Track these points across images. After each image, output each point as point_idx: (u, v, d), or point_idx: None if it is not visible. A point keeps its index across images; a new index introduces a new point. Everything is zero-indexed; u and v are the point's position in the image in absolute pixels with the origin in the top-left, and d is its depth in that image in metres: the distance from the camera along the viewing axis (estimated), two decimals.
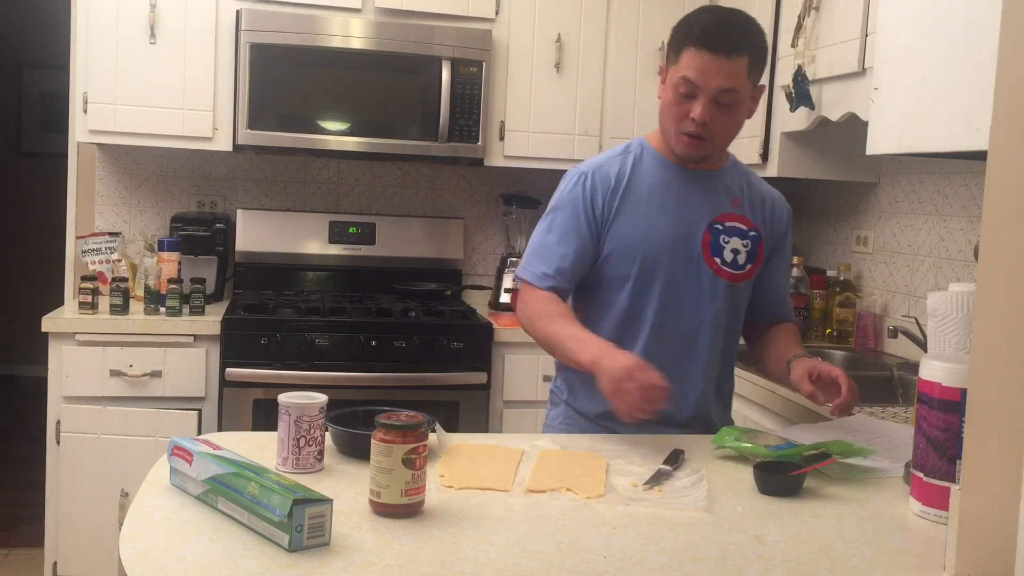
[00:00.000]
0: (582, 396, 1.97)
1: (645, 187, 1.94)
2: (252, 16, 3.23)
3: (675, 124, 1.89)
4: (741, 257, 1.95)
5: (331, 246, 3.66)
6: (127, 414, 3.00)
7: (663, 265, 1.91)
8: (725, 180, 1.98)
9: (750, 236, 1.96)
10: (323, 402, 1.54)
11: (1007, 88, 1.12)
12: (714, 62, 1.81)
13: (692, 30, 1.83)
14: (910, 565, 1.26)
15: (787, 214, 2.06)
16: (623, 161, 1.97)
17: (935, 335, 1.80)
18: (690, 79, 1.83)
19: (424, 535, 1.28)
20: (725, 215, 1.95)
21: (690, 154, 1.91)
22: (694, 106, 1.84)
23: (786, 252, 2.08)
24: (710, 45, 1.81)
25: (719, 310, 1.94)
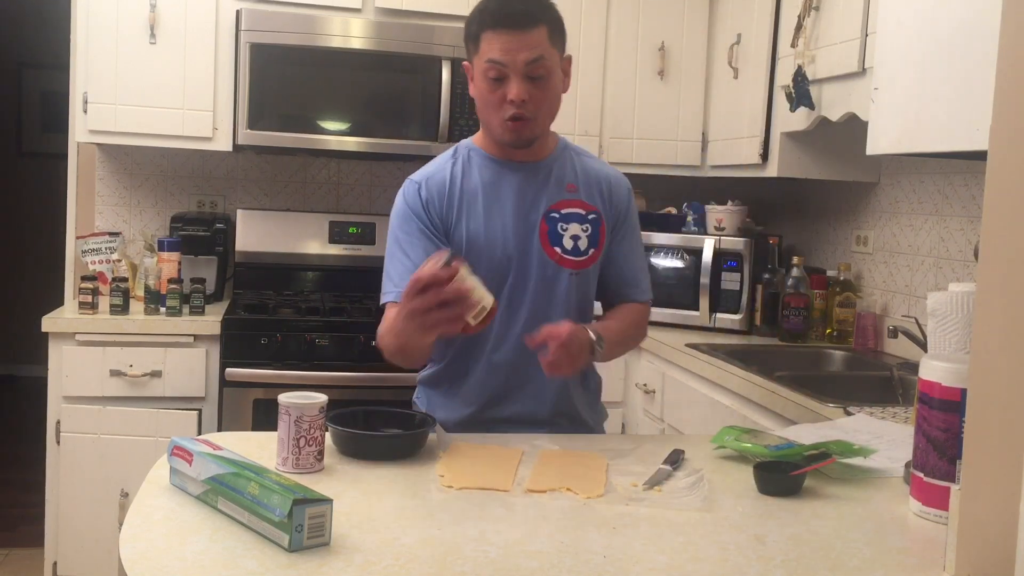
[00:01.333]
0: (439, 407, 1.97)
1: (476, 188, 1.91)
2: (252, 16, 3.23)
3: (495, 113, 1.85)
4: (582, 242, 1.92)
5: (331, 246, 3.66)
6: (127, 414, 3.00)
7: (508, 265, 1.88)
8: (556, 166, 1.95)
9: (589, 220, 1.93)
10: (323, 402, 1.54)
11: (1007, 88, 1.12)
12: (514, 38, 1.79)
13: (484, 16, 1.83)
14: (910, 565, 1.26)
15: (626, 191, 2.01)
16: (452, 166, 1.94)
17: (935, 335, 1.80)
18: (496, 60, 1.80)
19: (424, 535, 1.28)
20: (560, 202, 1.92)
21: (517, 139, 1.87)
22: (508, 87, 1.81)
23: (630, 229, 2.01)
24: (505, 23, 1.80)
25: (566, 300, 1.91)
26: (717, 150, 3.56)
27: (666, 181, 3.79)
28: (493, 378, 1.92)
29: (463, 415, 1.94)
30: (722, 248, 3.35)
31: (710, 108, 3.62)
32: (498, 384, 1.92)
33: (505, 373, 1.90)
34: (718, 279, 3.34)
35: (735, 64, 3.38)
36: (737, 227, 3.44)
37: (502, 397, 1.93)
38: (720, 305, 3.34)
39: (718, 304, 3.34)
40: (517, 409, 1.93)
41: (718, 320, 3.34)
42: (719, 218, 3.44)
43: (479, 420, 1.93)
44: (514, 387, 1.92)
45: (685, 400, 2.90)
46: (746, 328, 3.31)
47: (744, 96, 3.31)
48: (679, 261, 3.41)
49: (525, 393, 1.93)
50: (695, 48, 3.60)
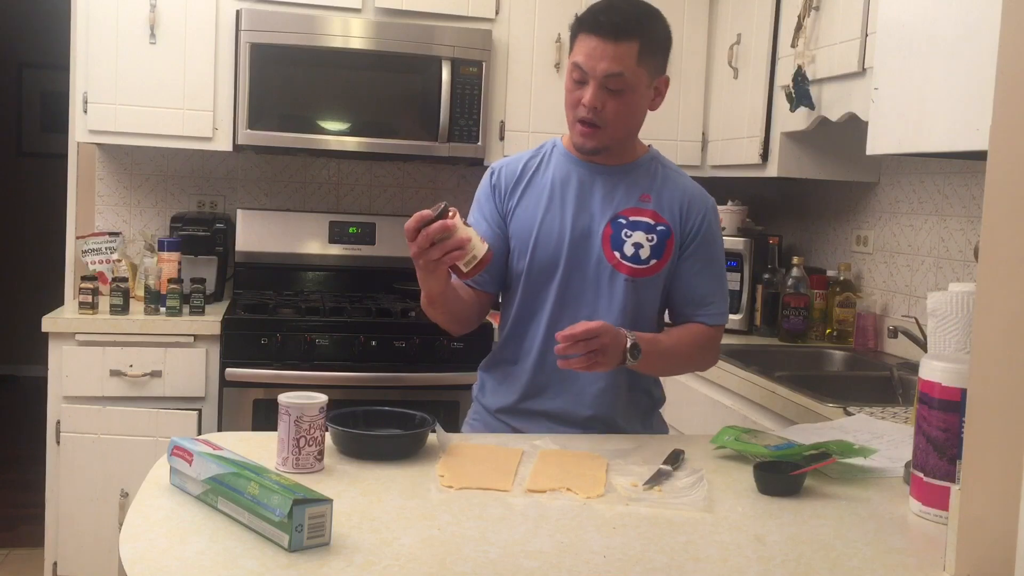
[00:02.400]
0: (489, 392, 2.02)
1: (547, 182, 1.95)
2: (252, 16, 3.23)
3: (571, 112, 1.89)
4: (644, 251, 1.90)
5: (331, 246, 3.66)
6: (127, 414, 3.00)
7: (560, 260, 1.90)
8: (635, 174, 1.95)
9: (657, 231, 1.92)
10: (323, 402, 1.54)
11: (1007, 88, 1.12)
12: (600, 46, 1.80)
13: (585, 16, 1.85)
14: (910, 565, 1.26)
15: (703, 208, 1.97)
16: (531, 157, 2.00)
17: (935, 335, 1.80)
18: (579, 64, 1.83)
19: (424, 535, 1.28)
20: (630, 209, 1.92)
21: (584, 143, 1.89)
22: (585, 91, 1.84)
23: (705, 247, 1.96)
24: (596, 29, 1.81)
25: (621, 305, 1.90)
26: (717, 150, 3.56)
27: None
28: (539, 370, 1.93)
29: (506, 403, 1.97)
30: None
31: (710, 108, 3.62)
32: (543, 377, 1.94)
33: (551, 367, 1.89)
34: None
35: (735, 64, 3.38)
36: (737, 227, 3.44)
37: (544, 390, 1.94)
38: None
39: None
40: (557, 405, 1.94)
41: None
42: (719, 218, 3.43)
43: (520, 410, 1.96)
44: (556, 382, 1.93)
45: (685, 400, 2.90)
46: (746, 328, 3.31)
47: (744, 96, 3.31)
48: None
49: (565, 390, 1.93)
50: (695, 48, 3.60)
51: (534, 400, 1.96)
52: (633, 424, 1.99)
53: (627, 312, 1.91)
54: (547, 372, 1.92)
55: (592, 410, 1.94)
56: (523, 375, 1.96)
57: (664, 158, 2.04)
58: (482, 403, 2.03)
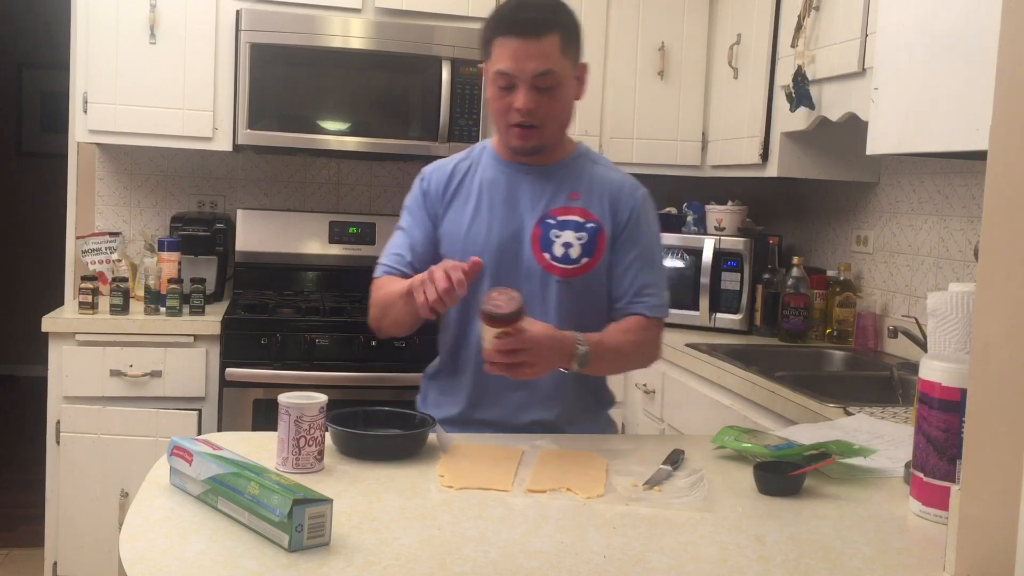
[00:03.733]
0: (432, 404, 1.98)
1: (476, 186, 1.93)
2: (252, 16, 3.23)
3: (501, 119, 1.86)
4: (574, 251, 1.87)
5: (331, 246, 3.66)
6: (127, 414, 3.00)
7: (488, 265, 1.83)
8: (563, 173, 1.93)
9: (587, 228, 1.89)
10: (323, 402, 1.54)
11: (1007, 88, 1.12)
12: (523, 46, 1.77)
13: (497, 21, 1.82)
14: (910, 565, 1.26)
15: (632, 200, 1.93)
16: (461, 160, 1.99)
17: (935, 335, 1.80)
18: (504, 70, 1.79)
19: (424, 535, 1.28)
20: (559, 209, 1.90)
21: (523, 145, 1.86)
22: (515, 96, 1.81)
23: (637, 238, 1.92)
24: (515, 30, 1.78)
25: (556, 308, 1.86)
26: (717, 150, 3.56)
27: (666, 181, 3.79)
28: (480, 380, 1.89)
29: (450, 414, 1.93)
30: (722, 248, 3.35)
31: (710, 108, 3.62)
32: (484, 386, 1.90)
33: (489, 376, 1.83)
34: (718, 279, 3.34)
35: (735, 64, 3.38)
36: (737, 227, 3.44)
37: (486, 399, 1.92)
38: (720, 305, 3.34)
39: (718, 304, 3.34)
40: (498, 413, 1.91)
41: (718, 320, 3.34)
42: (719, 218, 3.44)
43: (463, 420, 1.92)
44: (498, 390, 1.89)
45: (685, 400, 2.91)
46: (746, 328, 3.31)
47: (744, 96, 3.31)
48: (679, 261, 3.41)
49: (507, 398, 1.90)
50: (695, 48, 3.60)
51: (477, 410, 1.93)
52: (582, 427, 1.95)
53: (564, 314, 1.86)
54: (489, 380, 1.84)
55: (538, 415, 1.91)
56: (465, 385, 1.93)
57: (594, 153, 2.02)
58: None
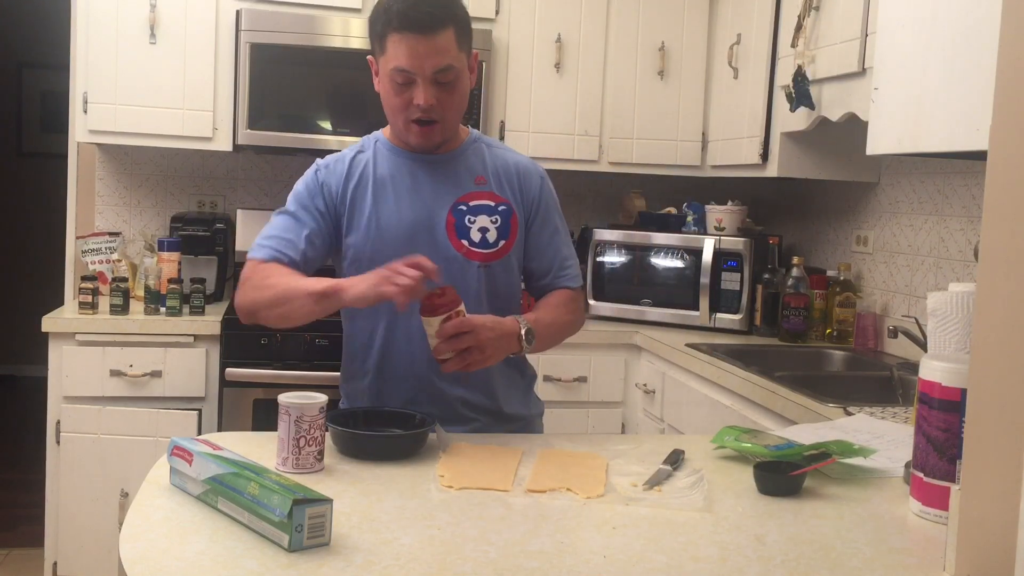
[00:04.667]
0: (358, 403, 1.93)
1: (378, 180, 1.88)
2: (252, 16, 3.23)
3: (401, 115, 1.82)
4: (491, 234, 1.88)
5: None
6: (127, 414, 3.00)
7: (403, 255, 1.73)
8: (465, 159, 1.92)
9: (499, 211, 1.89)
10: (323, 402, 1.54)
11: (1007, 88, 1.12)
12: (422, 43, 1.75)
13: (390, 17, 1.76)
14: (910, 565, 1.26)
15: (537, 179, 1.96)
16: (356, 154, 1.93)
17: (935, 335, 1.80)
18: (402, 68, 1.76)
19: (424, 535, 1.28)
20: (468, 195, 1.88)
21: (424, 142, 1.85)
22: (415, 92, 1.78)
23: (546, 216, 1.96)
24: (410, 26, 1.74)
25: (476, 293, 1.85)
26: (717, 150, 3.56)
27: (666, 181, 3.79)
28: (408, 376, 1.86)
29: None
30: (722, 248, 3.35)
31: (710, 108, 3.62)
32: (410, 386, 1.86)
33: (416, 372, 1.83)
34: (718, 279, 3.34)
35: (735, 64, 3.38)
36: (737, 227, 3.44)
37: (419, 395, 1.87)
38: (720, 305, 3.34)
39: (718, 304, 3.34)
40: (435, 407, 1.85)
41: (718, 320, 3.34)
42: (719, 218, 3.44)
43: None
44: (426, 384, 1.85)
45: (685, 400, 2.91)
46: (746, 328, 3.31)
47: (744, 96, 3.31)
48: (679, 261, 3.41)
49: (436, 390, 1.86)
50: (695, 48, 3.60)
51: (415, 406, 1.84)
52: (514, 406, 1.95)
53: (483, 299, 1.87)
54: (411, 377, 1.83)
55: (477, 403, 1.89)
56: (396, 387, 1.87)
57: (487, 138, 2.02)
58: None
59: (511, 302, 1.94)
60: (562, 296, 1.96)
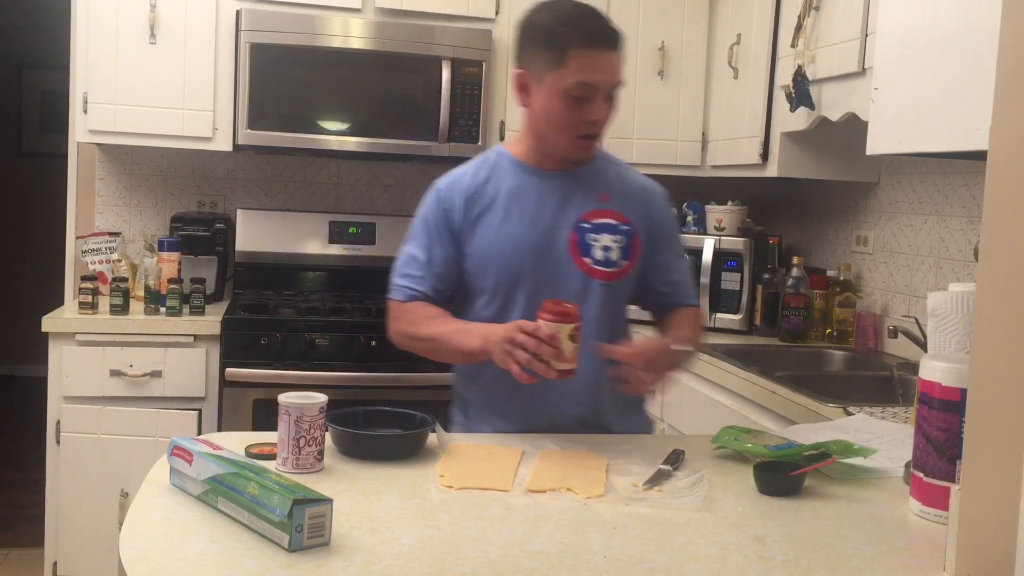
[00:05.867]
0: (475, 417, 1.96)
1: (500, 196, 1.89)
2: (252, 16, 3.23)
3: (567, 130, 1.82)
4: (614, 253, 1.88)
5: (331, 246, 3.66)
6: (127, 414, 3.00)
7: (525, 272, 1.85)
8: (591, 176, 1.92)
9: (622, 231, 1.89)
10: (323, 402, 1.54)
11: (1007, 88, 1.12)
12: (607, 58, 1.78)
13: (575, 32, 1.77)
14: (910, 565, 1.26)
15: (661, 200, 2.00)
16: (477, 170, 1.93)
17: (935, 335, 1.80)
18: (587, 82, 1.77)
19: (424, 535, 1.28)
20: (592, 212, 1.89)
21: (585, 155, 1.88)
22: (592, 108, 1.79)
23: (671, 237, 2.01)
24: (600, 43, 1.77)
25: (598, 311, 1.86)
26: (717, 150, 3.56)
27: (666, 181, 3.75)
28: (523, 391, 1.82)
29: (507, 428, 1.88)
30: (722, 248, 3.35)
31: (710, 108, 3.62)
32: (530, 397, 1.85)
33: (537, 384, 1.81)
34: (718, 279, 3.34)
35: (735, 64, 3.38)
36: (737, 227, 3.44)
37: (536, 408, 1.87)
38: (720, 305, 3.34)
39: (718, 304, 3.34)
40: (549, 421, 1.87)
41: (718, 320, 3.34)
42: (719, 218, 3.44)
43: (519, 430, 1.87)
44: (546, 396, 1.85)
45: (685, 400, 2.90)
46: (746, 328, 3.31)
47: (744, 96, 3.31)
48: None
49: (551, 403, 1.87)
50: (695, 48, 3.60)
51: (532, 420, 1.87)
52: (624, 425, 1.94)
53: (604, 318, 1.88)
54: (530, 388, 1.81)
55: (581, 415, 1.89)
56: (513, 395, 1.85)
57: (610, 154, 2.02)
58: (470, 430, 1.95)
59: (624, 323, 1.98)
60: (691, 313, 2.00)
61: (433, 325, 1.87)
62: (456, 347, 1.82)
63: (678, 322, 1.97)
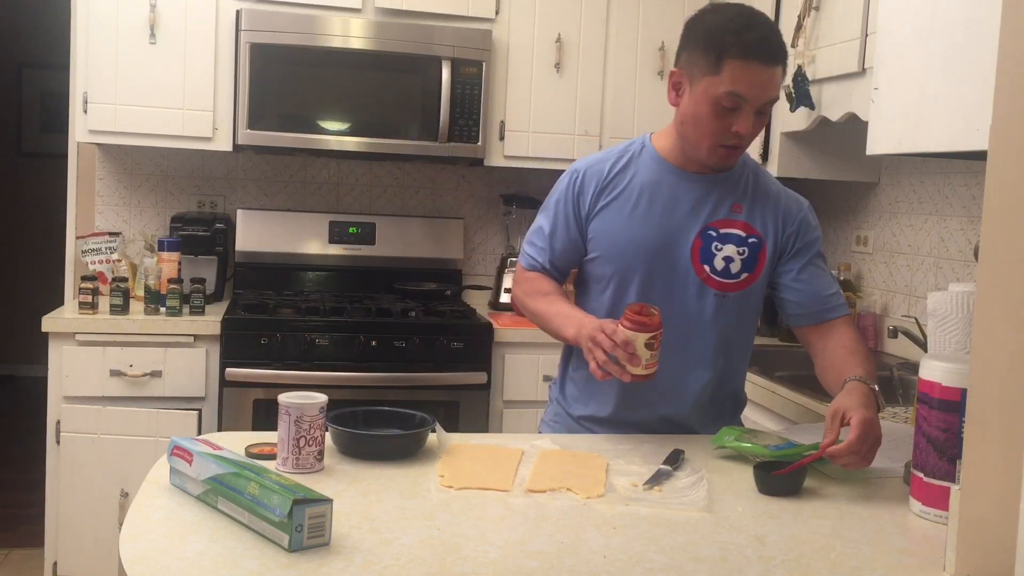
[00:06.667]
0: (571, 397, 1.98)
1: (635, 187, 1.87)
2: (252, 16, 3.23)
3: (713, 138, 1.78)
4: (735, 265, 1.85)
5: (331, 246, 3.66)
6: (127, 414, 3.00)
7: (640, 268, 1.85)
8: (728, 184, 1.89)
9: (748, 243, 1.86)
10: (323, 402, 1.54)
11: (1007, 88, 1.12)
12: (764, 73, 1.73)
13: (739, 42, 1.72)
14: (910, 565, 1.26)
15: (799, 213, 1.93)
16: (617, 160, 1.91)
17: (935, 335, 1.80)
18: (739, 94, 1.72)
19: (424, 535, 1.28)
20: (721, 221, 1.86)
21: (725, 165, 1.85)
22: (738, 119, 1.75)
23: (812, 250, 1.92)
24: (761, 57, 1.72)
25: (711, 321, 1.86)
26: None
27: None
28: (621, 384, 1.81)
29: (597, 413, 1.92)
30: None
31: None
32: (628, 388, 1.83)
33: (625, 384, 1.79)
34: None
35: None
36: None
37: (634, 400, 1.89)
38: None
39: None
40: (642, 415, 1.90)
41: None
42: None
43: (609, 420, 1.91)
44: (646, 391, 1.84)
45: None
46: None
47: None
48: None
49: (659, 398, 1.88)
50: None
51: (624, 411, 1.90)
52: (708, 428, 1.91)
53: (718, 328, 1.87)
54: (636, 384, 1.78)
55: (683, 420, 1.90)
56: (614, 385, 1.86)
57: (753, 163, 1.98)
58: (563, 406, 1.98)
59: (743, 332, 1.95)
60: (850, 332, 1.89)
61: (544, 302, 1.91)
62: (555, 330, 1.87)
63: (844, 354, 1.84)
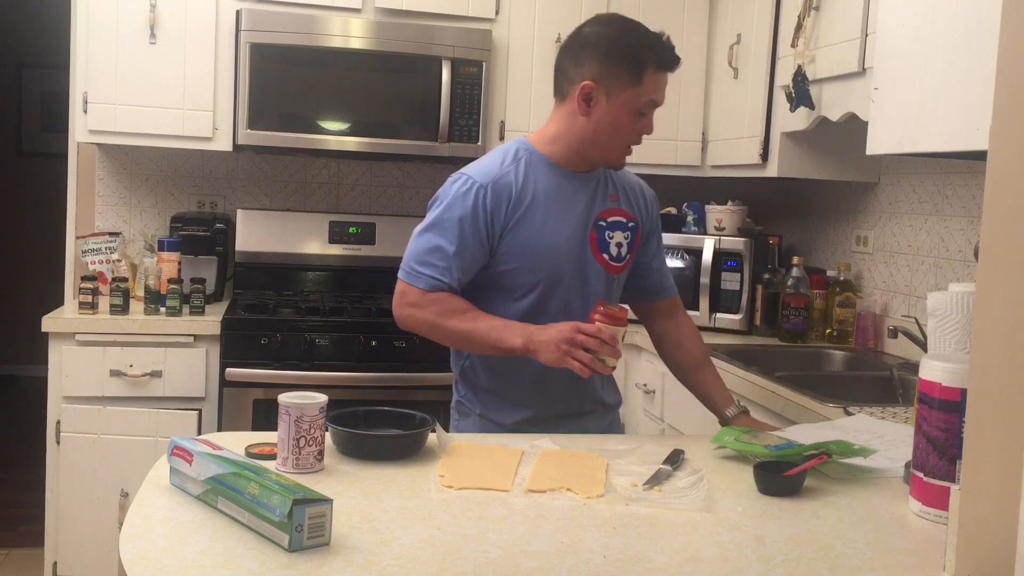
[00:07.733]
0: (493, 407, 2.02)
1: (539, 196, 1.95)
2: (252, 16, 3.23)
3: (627, 141, 1.96)
4: (623, 250, 2.03)
5: (331, 246, 3.66)
6: (127, 414, 3.00)
7: (564, 271, 1.96)
8: (599, 177, 2.04)
9: (629, 228, 2.04)
10: (323, 402, 1.54)
11: (1007, 88, 1.12)
12: (665, 80, 1.95)
13: (656, 55, 1.91)
14: (910, 565, 1.26)
15: (652, 197, 2.16)
16: (515, 170, 1.95)
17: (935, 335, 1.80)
18: (656, 100, 1.94)
19: (424, 535, 1.28)
20: (606, 211, 2.02)
21: (624, 163, 2.03)
22: (646, 123, 1.96)
23: (657, 230, 2.16)
24: (670, 67, 1.94)
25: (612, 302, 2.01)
26: (717, 150, 3.56)
27: (666, 181, 3.78)
28: (548, 380, 1.97)
29: (521, 416, 2.00)
30: (722, 248, 3.35)
31: (710, 108, 3.62)
32: (552, 385, 1.99)
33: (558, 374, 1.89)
34: (718, 279, 3.34)
35: (735, 64, 3.38)
36: (737, 227, 3.44)
37: (555, 396, 2.01)
38: (720, 305, 3.34)
39: (718, 304, 3.34)
40: (564, 407, 2.03)
41: (718, 320, 3.34)
42: (719, 218, 3.44)
43: (535, 420, 1.99)
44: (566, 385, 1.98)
45: (685, 400, 2.89)
46: (746, 328, 3.31)
47: (744, 96, 3.31)
48: (679, 261, 3.41)
49: (569, 390, 2.00)
50: (695, 48, 3.60)
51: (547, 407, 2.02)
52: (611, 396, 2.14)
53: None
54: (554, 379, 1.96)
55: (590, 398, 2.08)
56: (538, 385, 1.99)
57: None
58: (488, 418, 2.03)
59: None
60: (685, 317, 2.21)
61: (466, 319, 1.90)
62: (494, 343, 1.87)
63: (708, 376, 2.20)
